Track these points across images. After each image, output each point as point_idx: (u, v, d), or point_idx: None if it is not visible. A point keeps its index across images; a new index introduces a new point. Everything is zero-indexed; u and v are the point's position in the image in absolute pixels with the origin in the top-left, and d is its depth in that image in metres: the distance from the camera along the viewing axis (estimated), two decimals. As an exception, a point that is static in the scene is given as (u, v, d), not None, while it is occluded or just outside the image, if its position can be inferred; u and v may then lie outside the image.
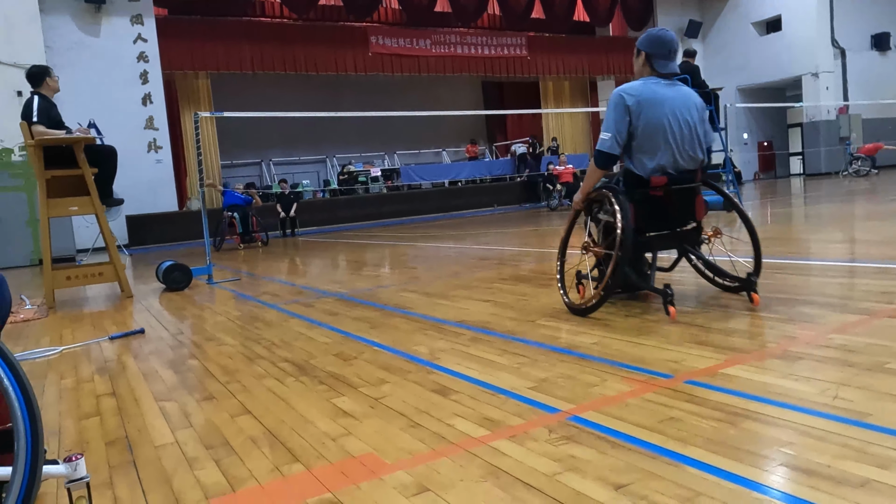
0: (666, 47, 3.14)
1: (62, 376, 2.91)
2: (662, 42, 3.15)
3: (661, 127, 3.01)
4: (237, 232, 10.87)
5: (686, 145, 3.06)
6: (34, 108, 5.15)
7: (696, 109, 3.13)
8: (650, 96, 3.03)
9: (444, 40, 19.00)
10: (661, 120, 3.01)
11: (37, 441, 1.21)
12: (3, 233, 11.02)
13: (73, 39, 13.67)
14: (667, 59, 3.14)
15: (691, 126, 3.08)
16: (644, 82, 3.09)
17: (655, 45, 3.15)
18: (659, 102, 3.02)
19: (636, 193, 3.07)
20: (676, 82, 3.16)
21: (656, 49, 3.14)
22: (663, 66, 3.13)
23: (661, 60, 3.13)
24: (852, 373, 1.98)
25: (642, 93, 3.04)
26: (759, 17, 21.69)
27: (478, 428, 1.82)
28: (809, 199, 10.84)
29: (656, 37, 3.16)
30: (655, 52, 3.14)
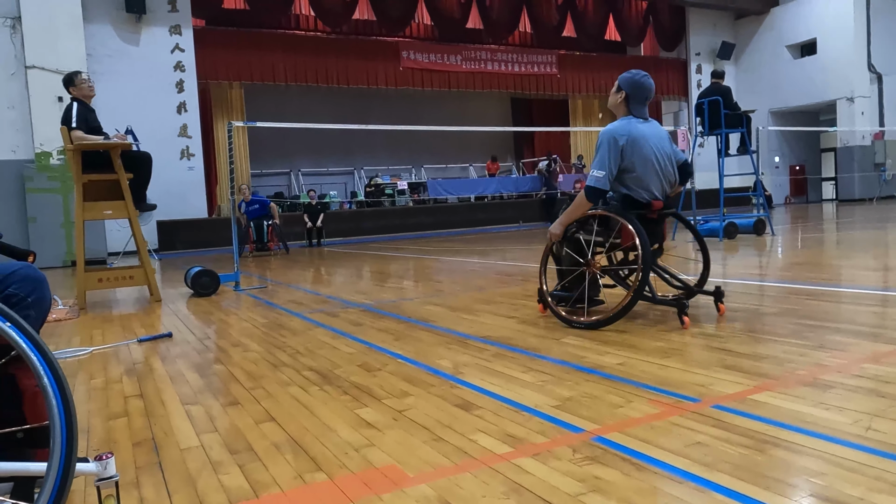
0: (645, 93, 3.46)
1: (92, 376, 2.97)
2: (644, 88, 3.45)
3: (650, 161, 3.38)
4: (252, 240, 11.10)
5: (667, 173, 3.47)
6: (73, 113, 5.30)
7: (667, 140, 3.54)
8: (637, 135, 3.36)
9: (475, 56, 19.13)
10: (648, 155, 3.37)
11: (72, 439, 1.24)
12: (38, 234, 11.31)
13: (114, 47, 14.04)
14: (642, 104, 3.48)
15: (668, 155, 3.48)
16: (628, 122, 3.40)
17: (637, 89, 3.44)
18: (644, 139, 3.37)
19: (633, 214, 3.40)
20: (648, 120, 3.52)
21: (637, 93, 3.44)
22: (638, 109, 3.46)
23: (637, 105, 3.46)
24: (886, 404, 1.94)
25: (630, 132, 3.35)
26: (793, 39, 21.49)
27: (501, 444, 1.81)
28: (842, 225, 10.64)
29: (639, 83, 3.45)
30: (635, 95, 3.44)
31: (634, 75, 3.47)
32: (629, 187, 3.39)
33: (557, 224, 3.52)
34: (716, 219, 8.92)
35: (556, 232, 3.53)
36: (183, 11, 14.78)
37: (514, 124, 23.12)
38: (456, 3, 18.58)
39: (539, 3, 19.56)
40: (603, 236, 3.46)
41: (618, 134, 3.35)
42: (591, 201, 3.39)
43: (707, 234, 8.83)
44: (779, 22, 21.80)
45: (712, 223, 8.87)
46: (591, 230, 3.44)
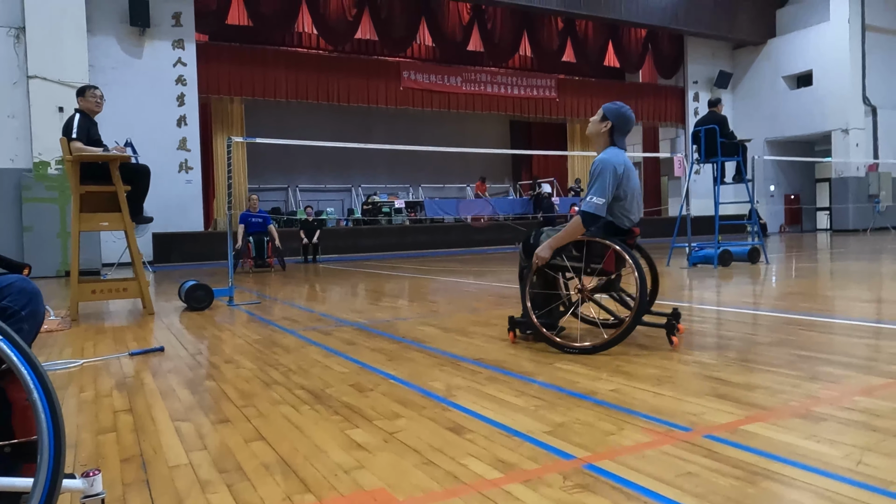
0: (629, 126, 3.61)
1: (82, 389, 2.94)
2: (629, 121, 3.59)
3: (636, 190, 3.54)
4: (251, 256, 10.95)
5: (639, 205, 3.63)
6: (74, 124, 5.32)
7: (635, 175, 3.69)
8: (629, 165, 3.52)
9: (475, 78, 19.31)
10: (635, 185, 3.53)
11: (59, 455, 1.23)
12: (33, 243, 11.28)
13: (117, 59, 14.13)
14: (624, 135, 3.62)
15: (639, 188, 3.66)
16: (619, 153, 3.52)
17: (623, 121, 3.57)
18: (632, 170, 3.54)
19: (616, 240, 3.49)
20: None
21: (622, 124, 3.57)
22: (621, 140, 3.60)
23: (620, 136, 3.59)
24: (878, 438, 1.94)
25: (625, 163, 3.49)
26: (790, 70, 21.77)
27: (491, 469, 1.80)
28: (836, 255, 10.70)
29: (625, 115, 3.58)
30: (620, 127, 3.57)
31: (620, 107, 3.58)
32: (615, 215, 3.48)
33: (546, 247, 3.49)
34: (711, 246, 8.95)
35: (543, 255, 3.49)
36: (186, 26, 14.90)
37: (513, 146, 23.27)
38: (458, 25, 18.79)
39: (540, 27, 19.80)
40: (579, 262, 3.48)
41: (616, 163, 3.44)
42: (586, 227, 3.43)
43: (702, 261, 8.86)
44: (776, 53, 22.10)
45: (707, 250, 8.91)
46: (570, 255, 3.48)
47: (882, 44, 20.81)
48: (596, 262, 3.44)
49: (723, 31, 21.38)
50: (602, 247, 3.42)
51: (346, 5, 17.33)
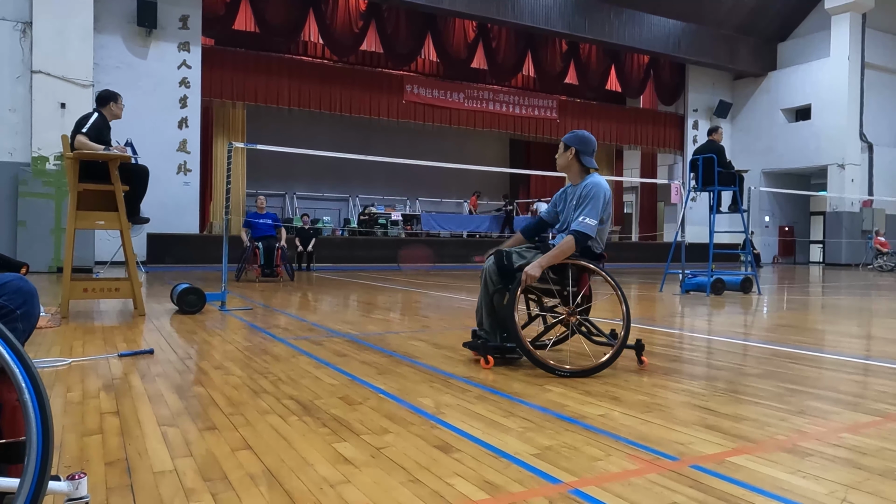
0: (591, 146, 3.69)
1: (69, 389, 2.93)
2: (588, 141, 3.68)
3: (610, 216, 3.67)
4: (259, 263, 10.11)
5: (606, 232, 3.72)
6: (90, 121, 5.35)
7: None
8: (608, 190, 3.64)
9: (477, 95, 19.45)
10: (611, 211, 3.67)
11: (47, 458, 1.22)
12: (27, 238, 11.24)
13: (122, 59, 14.18)
14: (591, 155, 3.69)
15: None
16: (602, 179, 3.64)
17: (584, 143, 3.66)
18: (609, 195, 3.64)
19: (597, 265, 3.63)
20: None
21: (584, 147, 3.65)
22: (590, 161, 3.66)
23: (587, 157, 3.66)
24: (863, 476, 1.95)
25: (608, 189, 3.62)
26: (789, 104, 22.01)
27: (478, 490, 1.80)
28: (828, 289, 10.76)
29: (584, 136, 3.68)
30: (584, 150, 3.65)
31: (576, 132, 3.73)
32: (595, 239, 3.57)
33: (536, 266, 3.42)
34: (704, 274, 8.99)
35: (533, 273, 3.40)
36: (193, 29, 14.98)
37: (512, 165, 23.39)
38: (462, 43, 18.95)
39: (543, 48, 19.98)
40: (556, 284, 3.56)
41: (607, 189, 3.61)
42: (578, 247, 3.50)
43: (695, 288, 8.89)
44: (776, 85, 22.34)
45: (700, 278, 8.95)
46: (546, 279, 3.52)
47: (881, 82, 21.08)
48: (574, 286, 3.51)
49: (724, 61, 21.63)
50: (579, 270, 3.51)
51: (353, 17, 17.47)
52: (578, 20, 18.63)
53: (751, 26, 21.77)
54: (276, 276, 10.36)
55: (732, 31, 21.60)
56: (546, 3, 18.08)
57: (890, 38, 21.29)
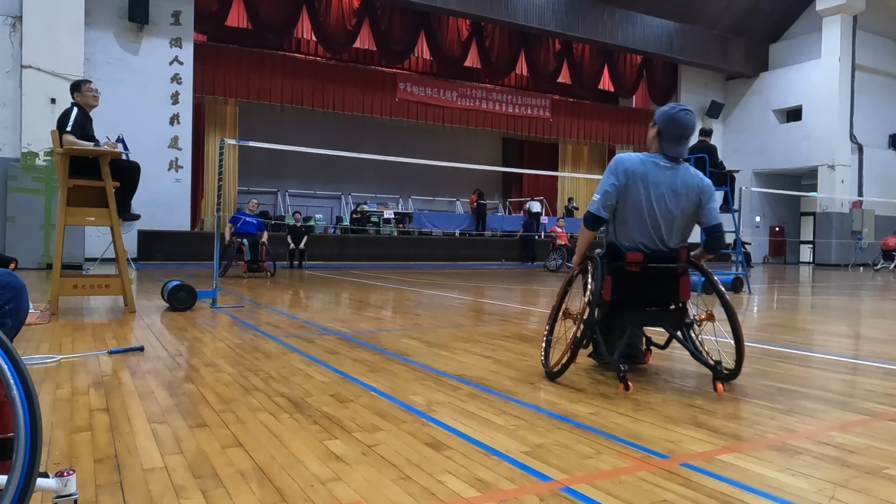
0: (678, 130, 3.08)
1: (58, 386, 2.91)
2: (677, 124, 3.09)
3: (639, 208, 3.05)
4: (245, 259, 10.42)
5: (660, 232, 3.08)
6: (71, 117, 5.29)
7: (687, 198, 3.09)
8: (642, 174, 3.04)
9: (471, 94, 19.44)
10: (642, 201, 3.04)
11: (35, 454, 1.22)
12: (16, 234, 11.15)
13: (113, 55, 14.08)
14: (676, 141, 3.09)
15: (672, 215, 3.07)
16: (644, 159, 3.09)
17: (669, 124, 3.10)
18: (649, 184, 3.04)
19: (614, 265, 3.11)
20: (680, 166, 3.11)
21: (668, 129, 3.10)
22: (671, 147, 3.09)
23: (669, 142, 3.09)
24: (850, 474, 1.96)
25: (635, 169, 3.05)
26: (780, 104, 22.12)
27: (468, 488, 1.80)
28: (817, 289, 10.83)
29: (672, 117, 3.10)
30: (666, 132, 3.10)
31: (670, 109, 3.14)
32: (615, 232, 3.16)
33: (577, 255, 3.35)
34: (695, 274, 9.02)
35: (575, 261, 3.38)
36: (185, 25, 14.89)
37: (505, 164, 23.40)
38: (456, 41, 18.93)
39: (537, 47, 20.00)
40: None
41: (622, 163, 3.10)
42: (587, 227, 3.18)
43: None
44: (767, 86, 22.46)
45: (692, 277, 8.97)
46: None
47: (871, 83, 21.22)
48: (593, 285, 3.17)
49: (717, 62, 21.72)
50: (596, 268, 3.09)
51: (347, 14, 17.42)
52: (572, 19, 18.65)
53: (743, 27, 21.87)
54: (262, 272, 10.70)
55: (725, 31, 21.69)
56: (540, 3, 18.09)
57: (881, 39, 21.44)
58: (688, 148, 3.15)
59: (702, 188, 3.13)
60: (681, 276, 3.17)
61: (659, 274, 3.12)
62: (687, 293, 3.18)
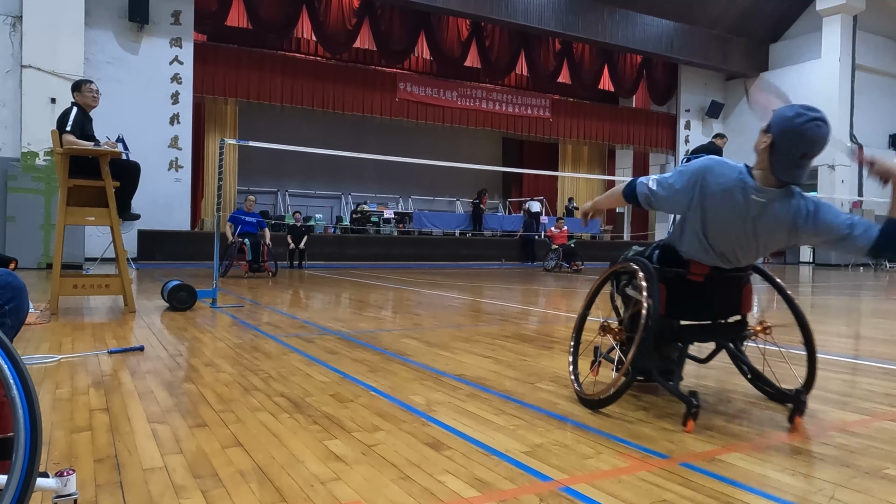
0: (801, 148, 2.28)
1: (58, 386, 2.91)
2: (801, 140, 2.27)
3: (722, 236, 2.46)
4: (246, 259, 10.40)
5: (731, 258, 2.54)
6: (71, 117, 5.29)
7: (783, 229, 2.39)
8: (731, 198, 2.38)
9: (471, 94, 19.44)
10: (721, 228, 2.44)
11: (35, 454, 1.22)
12: (15, 234, 11.15)
13: (113, 55, 14.08)
14: (794, 163, 2.30)
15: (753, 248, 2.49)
16: (741, 178, 2.38)
17: (792, 139, 2.28)
18: (736, 217, 2.40)
19: (670, 272, 2.58)
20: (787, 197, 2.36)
21: (788, 145, 2.29)
22: (785, 170, 2.31)
23: (785, 162, 2.30)
24: (850, 474, 1.96)
25: (730, 188, 2.38)
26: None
27: (468, 488, 1.80)
28: (817, 289, 10.82)
29: (797, 131, 2.26)
30: (784, 148, 2.30)
31: (797, 117, 2.28)
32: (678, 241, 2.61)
33: (593, 204, 2.97)
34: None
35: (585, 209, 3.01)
36: (185, 25, 14.89)
37: (504, 164, 23.39)
38: (456, 41, 18.93)
39: (537, 47, 20.00)
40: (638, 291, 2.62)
41: (714, 174, 2.43)
42: (628, 201, 2.71)
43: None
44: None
45: (691, 277, 8.98)
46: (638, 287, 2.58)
47: (871, 83, 21.22)
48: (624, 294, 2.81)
49: (717, 62, 21.71)
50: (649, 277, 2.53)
51: (347, 14, 17.42)
52: (572, 19, 18.65)
53: (743, 27, 21.86)
54: (264, 272, 10.64)
55: (725, 31, 21.69)
56: (540, 3, 18.09)
57: (881, 40, 21.44)
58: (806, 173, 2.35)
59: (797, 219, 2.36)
60: (744, 286, 2.70)
61: (723, 283, 2.63)
62: (749, 304, 2.75)
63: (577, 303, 7.54)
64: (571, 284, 10.74)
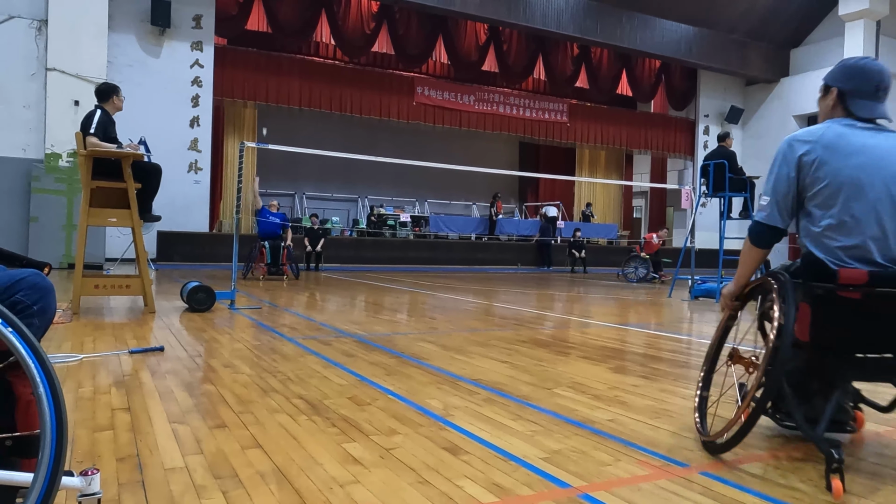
0: (872, 83, 2.18)
1: (80, 385, 2.95)
2: (866, 75, 2.19)
3: (855, 188, 2.06)
4: (265, 262, 10.33)
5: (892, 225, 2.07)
6: (94, 120, 5.37)
7: None
8: (836, 142, 2.11)
9: (488, 98, 19.43)
10: (856, 178, 2.06)
11: (61, 452, 1.23)
12: (38, 234, 11.31)
13: (135, 58, 14.26)
14: (872, 98, 2.18)
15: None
16: (829, 124, 2.17)
17: (855, 78, 2.20)
18: (853, 152, 2.09)
19: (817, 289, 2.07)
20: (886, 128, 2.20)
21: (856, 84, 2.19)
22: (864, 107, 2.18)
23: (860, 100, 2.18)
24: (875, 485, 1.93)
25: (824, 137, 2.13)
26: (800, 110, 21.86)
27: (486, 493, 1.80)
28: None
29: (857, 68, 2.21)
30: (853, 89, 2.19)
31: (851, 61, 2.25)
32: (818, 240, 2.13)
33: (731, 284, 2.46)
34: (713, 280, 8.95)
35: (728, 294, 2.48)
36: (206, 29, 15.05)
37: (521, 168, 23.36)
38: (474, 45, 18.95)
39: (555, 52, 19.95)
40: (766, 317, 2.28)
41: (798, 139, 2.17)
42: (756, 243, 2.29)
43: (704, 294, 8.84)
44: (787, 92, 22.22)
45: (710, 284, 8.90)
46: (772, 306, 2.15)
47: (893, 89, 20.90)
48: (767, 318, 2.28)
49: (736, 67, 21.52)
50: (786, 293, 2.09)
51: (365, 18, 17.50)
52: (590, 24, 18.59)
53: (763, 32, 21.66)
54: (282, 275, 10.61)
55: (745, 36, 21.50)
56: (558, 7, 18.06)
57: (904, 45, 21.12)
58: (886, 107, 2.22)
59: None
60: None
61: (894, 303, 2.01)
62: None
63: (592, 308, 7.50)
64: (587, 290, 10.69)
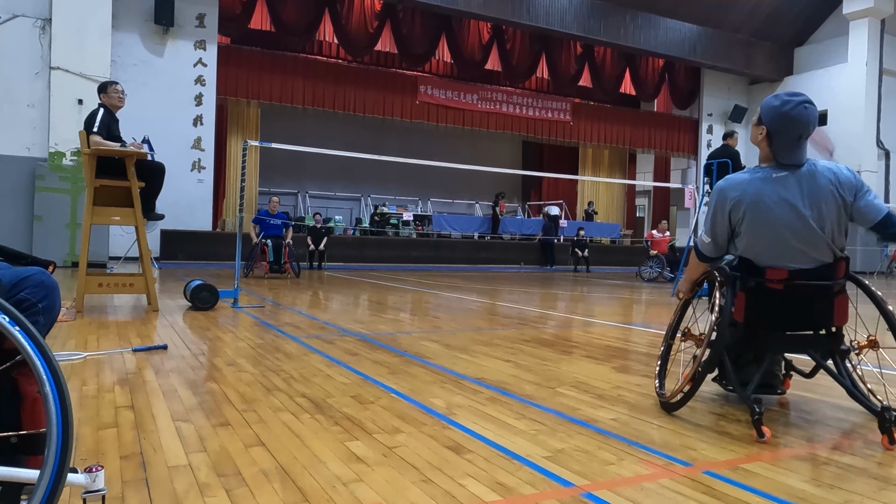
0: (796, 131, 2.49)
1: (84, 382, 2.95)
2: (794, 124, 2.48)
3: (778, 232, 2.51)
4: (267, 260, 10.42)
5: (802, 252, 2.52)
6: (97, 118, 5.38)
7: (825, 206, 2.49)
8: (758, 197, 2.52)
9: (491, 97, 19.43)
10: (765, 229, 2.53)
11: (66, 449, 1.24)
12: (42, 232, 11.34)
13: (139, 57, 14.29)
14: (793, 145, 2.51)
15: (812, 230, 2.48)
16: (751, 178, 2.57)
17: (784, 124, 2.50)
18: (770, 204, 2.50)
19: (750, 281, 2.59)
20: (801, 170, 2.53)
21: (783, 130, 2.50)
22: (786, 154, 2.51)
23: (785, 147, 2.52)
24: (877, 486, 1.93)
25: (747, 192, 2.54)
26: (805, 109, 21.80)
27: (489, 492, 1.80)
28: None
29: (787, 116, 2.49)
30: (780, 134, 2.51)
31: (783, 105, 2.51)
32: (746, 251, 2.63)
33: (683, 281, 3.05)
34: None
35: (682, 288, 3.06)
36: (210, 28, 15.07)
37: (524, 167, 23.35)
38: (477, 44, 18.94)
39: (558, 51, 19.93)
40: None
41: (723, 195, 2.62)
42: (702, 261, 2.84)
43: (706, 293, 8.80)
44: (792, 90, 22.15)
45: (713, 283, 8.88)
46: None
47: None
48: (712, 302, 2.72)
49: (740, 66, 21.47)
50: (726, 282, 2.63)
51: (368, 17, 17.51)
52: (593, 23, 18.57)
53: (767, 31, 21.61)
54: (284, 273, 10.64)
55: (749, 35, 21.45)
56: (561, 6, 18.04)
57: (909, 44, 21.05)
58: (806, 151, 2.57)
59: (841, 184, 2.50)
60: (837, 296, 2.59)
61: (808, 292, 2.55)
62: (844, 316, 2.62)
63: (595, 307, 7.50)
64: (590, 289, 10.69)
